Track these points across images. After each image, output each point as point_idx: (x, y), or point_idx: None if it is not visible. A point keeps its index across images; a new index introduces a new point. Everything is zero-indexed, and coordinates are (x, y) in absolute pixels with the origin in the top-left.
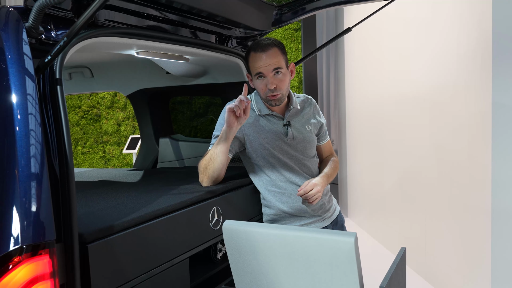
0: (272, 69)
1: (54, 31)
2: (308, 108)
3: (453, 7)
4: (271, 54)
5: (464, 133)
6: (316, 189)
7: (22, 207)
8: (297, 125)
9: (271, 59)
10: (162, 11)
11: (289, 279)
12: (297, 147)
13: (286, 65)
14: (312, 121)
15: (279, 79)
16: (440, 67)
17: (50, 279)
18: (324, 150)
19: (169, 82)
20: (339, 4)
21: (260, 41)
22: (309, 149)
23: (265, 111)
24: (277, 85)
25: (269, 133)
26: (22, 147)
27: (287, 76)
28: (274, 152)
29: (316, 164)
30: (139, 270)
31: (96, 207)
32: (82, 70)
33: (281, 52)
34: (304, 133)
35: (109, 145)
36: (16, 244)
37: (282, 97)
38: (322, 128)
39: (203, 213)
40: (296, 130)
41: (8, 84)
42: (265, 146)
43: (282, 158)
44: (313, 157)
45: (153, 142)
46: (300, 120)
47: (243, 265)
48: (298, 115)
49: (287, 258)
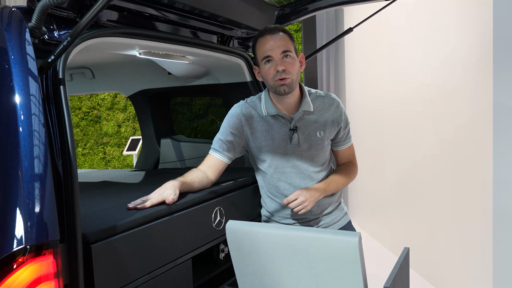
0: (281, 52)
1: (57, 31)
2: (327, 110)
3: (454, 8)
4: (280, 37)
5: (465, 134)
6: (300, 200)
7: (26, 208)
8: (306, 130)
9: (279, 41)
10: (164, 12)
11: (293, 279)
12: (302, 155)
13: (296, 52)
14: (329, 126)
15: (289, 62)
16: (441, 67)
17: (54, 279)
18: (340, 156)
19: (170, 83)
20: (340, 4)
21: (267, 27)
22: (317, 157)
23: (273, 111)
24: (286, 67)
25: (272, 137)
26: (25, 147)
27: (296, 62)
28: (275, 159)
29: (325, 174)
30: (142, 270)
31: (99, 207)
32: (83, 71)
33: (289, 38)
34: (313, 140)
35: (109, 146)
36: (20, 245)
37: (292, 83)
38: (340, 133)
39: (206, 213)
40: (304, 136)
41: (12, 84)
42: (267, 150)
43: (282, 166)
44: (321, 165)
45: (154, 143)
46: (312, 125)
47: (247, 265)
48: (310, 118)
49: (290, 258)
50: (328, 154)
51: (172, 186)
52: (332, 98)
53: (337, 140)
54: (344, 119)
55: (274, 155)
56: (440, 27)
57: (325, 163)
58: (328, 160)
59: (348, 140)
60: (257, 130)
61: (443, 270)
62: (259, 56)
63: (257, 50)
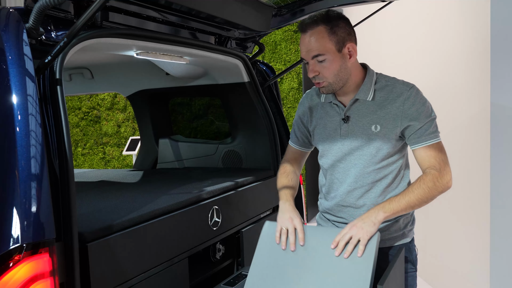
0: (312, 57)
1: (54, 32)
2: (394, 101)
3: (451, 8)
4: (312, 39)
5: (462, 134)
6: (348, 236)
7: (22, 207)
8: (360, 122)
9: (310, 44)
10: (161, 13)
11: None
12: (351, 151)
13: (337, 47)
14: (390, 120)
15: (322, 66)
16: (439, 68)
17: (50, 278)
18: (417, 158)
19: (168, 83)
20: (338, 5)
21: (304, 20)
22: (370, 154)
23: (329, 98)
24: (319, 72)
25: (325, 125)
26: (22, 147)
27: (334, 63)
28: (325, 149)
29: (385, 175)
30: (138, 269)
31: (96, 207)
32: (82, 71)
33: (328, 32)
34: (365, 133)
35: (109, 146)
36: (16, 243)
37: (330, 85)
38: (413, 127)
39: (202, 213)
40: (356, 127)
41: (9, 84)
42: (318, 139)
43: (333, 158)
44: (378, 163)
45: (152, 143)
46: (367, 116)
47: (266, 268)
48: (368, 109)
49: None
50: (393, 153)
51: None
52: (404, 87)
53: (410, 137)
54: (417, 112)
55: (325, 145)
56: (438, 27)
57: (388, 163)
58: (395, 161)
59: (425, 138)
60: (314, 117)
61: (440, 270)
62: None
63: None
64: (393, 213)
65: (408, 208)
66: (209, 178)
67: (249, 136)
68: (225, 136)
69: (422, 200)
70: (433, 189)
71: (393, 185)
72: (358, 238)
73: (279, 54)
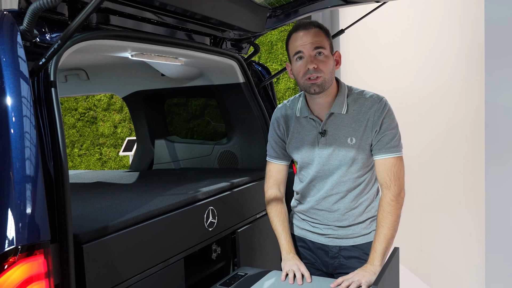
0: (313, 48)
1: (49, 34)
2: (366, 113)
3: (446, 9)
4: (313, 33)
5: (457, 133)
6: (351, 280)
7: (17, 208)
8: (336, 135)
9: (312, 37)
10: (156, 14)
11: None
12: (329, 162)
13: (331, 50)
14: (365, 132)
15: (321, 60)
16: (434, 68)
17: (45, 279)
18: (376, 167)
19: (164, 84)
20: (332, 6)
21: (301, 21)
22: (347, 164)
23: (304, 112)
24: (318, 65)
25: (302, 140)
26: (16, 149)
27: (330, 61)
28: (304, 162)
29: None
30: (134, 270)
31: (92, 208)
32: (78, 72)
33: (325, 34)
34: (342, 146)
35: (105, 147)
36: (11, 245)
37: (324, 82)
38: (377, 138)
39: (198, 214)
40: (333, 140)
41: (3, 86)
42: (297, 152)
43: (311, 169)
44: (355, 174)
45: (148, 144)
46: (343, 129)
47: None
48: (343, 122)
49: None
50: (368, 163)
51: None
52: (375, 99)
53: (373, 147)
54: (384, 125)
55: (304, 158)
56: (432, 28)
57: (363, 172)
58: (369, 170)
59: (385, 151)
60: (290, 130)
61: (436, 269)
62: (291, 51)
63: (289, 46)
64: (383, 254)
65: (390, 239)
66: (205, 178)
67: (244, 137)
68: (221, 136)
69: (394, 225)
70: (394, 212)
71: (365, 191)
72: (360, 283)
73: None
